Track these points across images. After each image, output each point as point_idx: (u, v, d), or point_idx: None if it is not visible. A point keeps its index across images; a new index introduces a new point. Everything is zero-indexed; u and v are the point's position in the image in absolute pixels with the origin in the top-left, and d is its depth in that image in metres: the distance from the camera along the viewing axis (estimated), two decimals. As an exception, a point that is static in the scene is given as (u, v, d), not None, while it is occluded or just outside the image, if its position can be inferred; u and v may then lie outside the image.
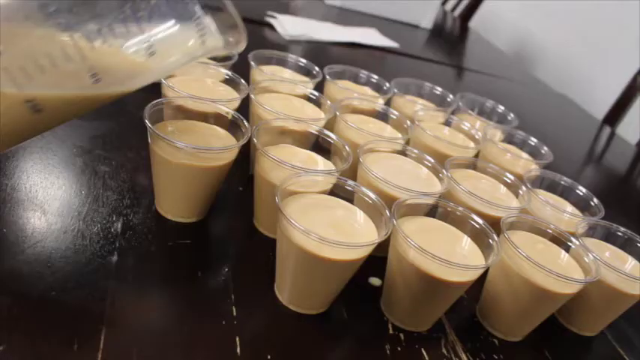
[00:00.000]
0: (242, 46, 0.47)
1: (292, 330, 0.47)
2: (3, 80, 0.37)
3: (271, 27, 1.20)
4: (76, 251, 0.46)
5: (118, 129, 0.65)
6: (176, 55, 0.45)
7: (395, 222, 0.46)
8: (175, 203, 0.53)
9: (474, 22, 1.96)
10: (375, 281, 0.54)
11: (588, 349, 0.57)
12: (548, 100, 1.44)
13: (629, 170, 1.21)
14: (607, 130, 1.34)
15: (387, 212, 0.47)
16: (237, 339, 0.44)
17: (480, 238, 0.51)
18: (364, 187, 0.51)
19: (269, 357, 0.43)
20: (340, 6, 1.46)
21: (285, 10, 1.31)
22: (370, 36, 1.29)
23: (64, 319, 0.41)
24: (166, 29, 0.43)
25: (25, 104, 0.39)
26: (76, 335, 0.40)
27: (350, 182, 0.50)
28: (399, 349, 0.48)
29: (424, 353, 0.48)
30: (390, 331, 0.50)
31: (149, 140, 0.51)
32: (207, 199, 0.54)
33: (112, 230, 0.50)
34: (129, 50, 0.41)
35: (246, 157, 0.61)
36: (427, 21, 1.54)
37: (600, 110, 1.41)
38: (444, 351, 0.50)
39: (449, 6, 2.08)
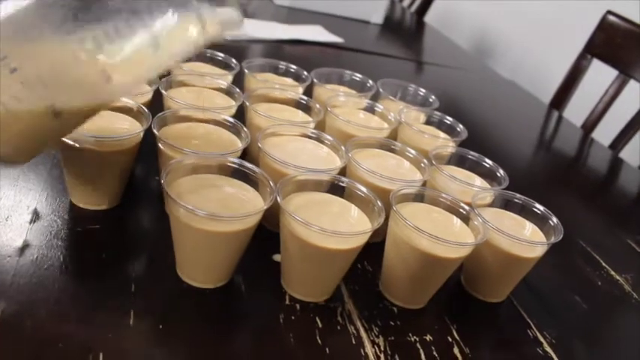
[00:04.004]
0: (239, 27, 0.50)
1: (188, 302, 0.50)
2: (25, 94, 0.39)
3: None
4: (-18, 239, 0.49)
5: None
6: (180, 46, 0.47)
7: (279, 196, 0.49)
8: (84, 189, 0.55)
9: (431, 18, 1.99)
10: (278, 258, 0.56)
11: (491, 315, 0.60)
12: (498, 87, 1.47)
13: (578, 151, 1.25)
14: (555, 113, 1.37)
15: (272, 184, 0.50)
16: (132, 312, 0.46)
17: (367, 206, 0.53)
18: (265, 169, 0.53)
19: (161, 327, 0.46)
20: (290, 5, 1.49)
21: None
22: (314, 33, 1.32)
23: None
24: (167, 22, 0.44)
25: (46, 110, 0.41)
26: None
27: (235, 160, 0.53)
28: (293, 317, 0.51)
29: (318, 321, 0.51)
30: (287, 302, 0.52)
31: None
32: (116, 184, 0.57)
33: (23, 218, 0.53)
34: (135, 48, 0.43)
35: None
36: (378, 16, 1.57)
37: (549, 95, 1.45)
38: (339, 319, 0.52)
39: (406, 2, 2.11)
